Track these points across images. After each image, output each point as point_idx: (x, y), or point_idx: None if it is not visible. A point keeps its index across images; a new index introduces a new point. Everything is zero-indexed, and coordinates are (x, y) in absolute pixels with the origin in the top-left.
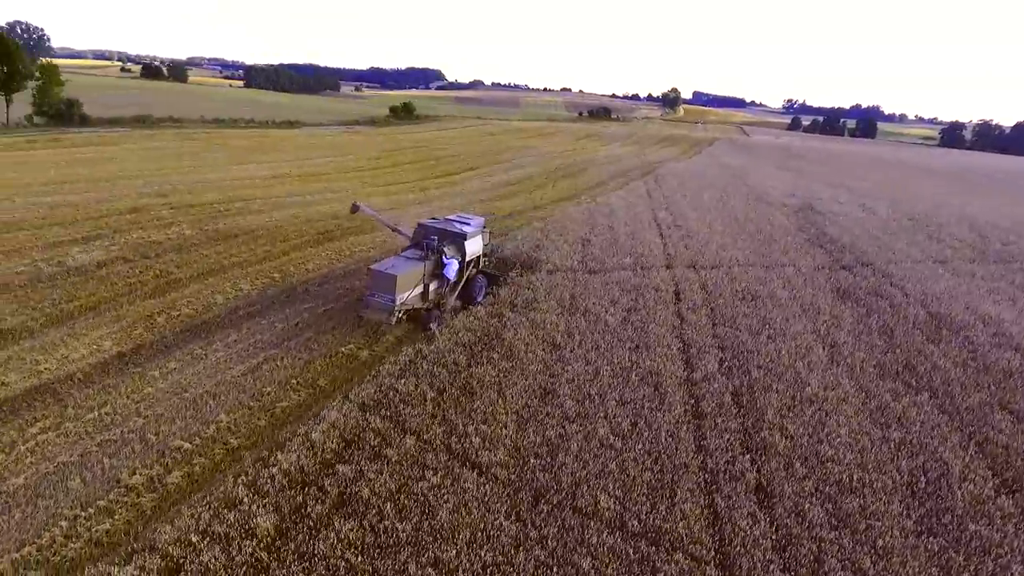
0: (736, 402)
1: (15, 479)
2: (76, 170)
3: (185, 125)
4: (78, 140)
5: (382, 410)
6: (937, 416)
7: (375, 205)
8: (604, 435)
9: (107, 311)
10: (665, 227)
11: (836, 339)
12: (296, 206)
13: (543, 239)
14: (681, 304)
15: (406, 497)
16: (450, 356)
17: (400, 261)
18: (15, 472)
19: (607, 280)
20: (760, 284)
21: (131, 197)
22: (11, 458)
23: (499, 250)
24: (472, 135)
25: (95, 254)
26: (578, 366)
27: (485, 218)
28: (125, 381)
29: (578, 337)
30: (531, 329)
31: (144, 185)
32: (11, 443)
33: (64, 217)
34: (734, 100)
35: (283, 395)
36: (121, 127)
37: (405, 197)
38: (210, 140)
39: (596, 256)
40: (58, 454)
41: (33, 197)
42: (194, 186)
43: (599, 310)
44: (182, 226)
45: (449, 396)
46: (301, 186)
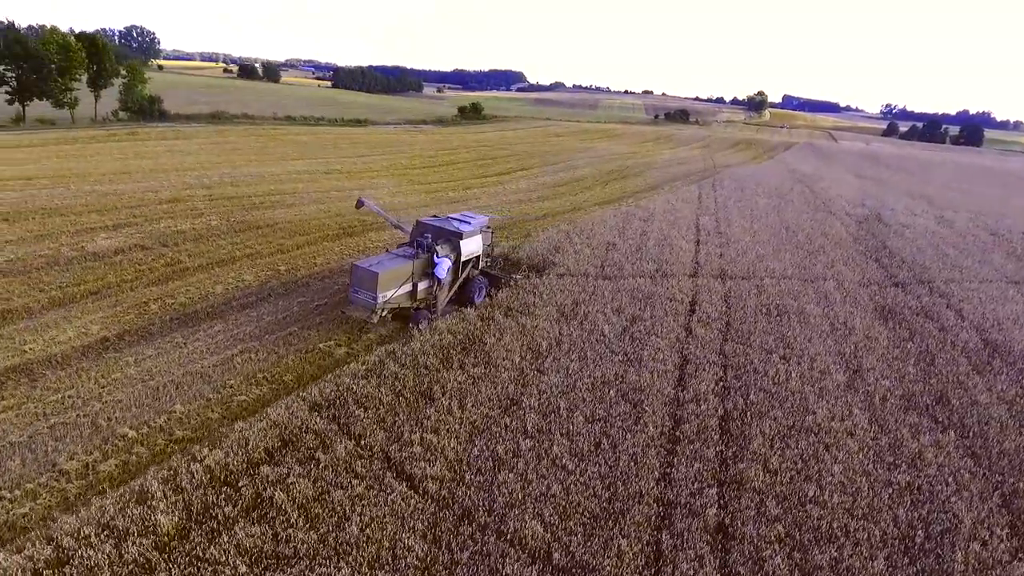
0: (722, 427)
1: None
2: (139, 162)
3: (256, 122)
4: (153, 134)
5: (332, 411)
6: (960, 460)
7: (415, 202)
8: (558, 454)
9: (108, 296)
10: (704, 233)
11: (862, 363)
12: (329, 201)
13: (565, 242)
14: (694, 316)
15: (322, 505)
16: (422, 359)
17: (386, 258)
18: None
19: (619, 287)
20: (791, 298)
21: (177, 188)
22: None
23: (505, 251)
24: (536, 136)
25: (117, 241)
26: (555, 377)
27: (490, 217)
28: (98, 365)
29: (566, 346)
30: (518, 335)
31: (195, 177)
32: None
33: (105, 205)
34: (827, 104)
35: (245, 389)
36: (196, 123)
37: (444, 195)
38: (275, 136)
39: (616, 261)
40: (9, 433)
41: (89, 186)
42: (241, 179)
43: (599, 318)
44: (211, 217)
45: (405, 401)
46: (343, 182)
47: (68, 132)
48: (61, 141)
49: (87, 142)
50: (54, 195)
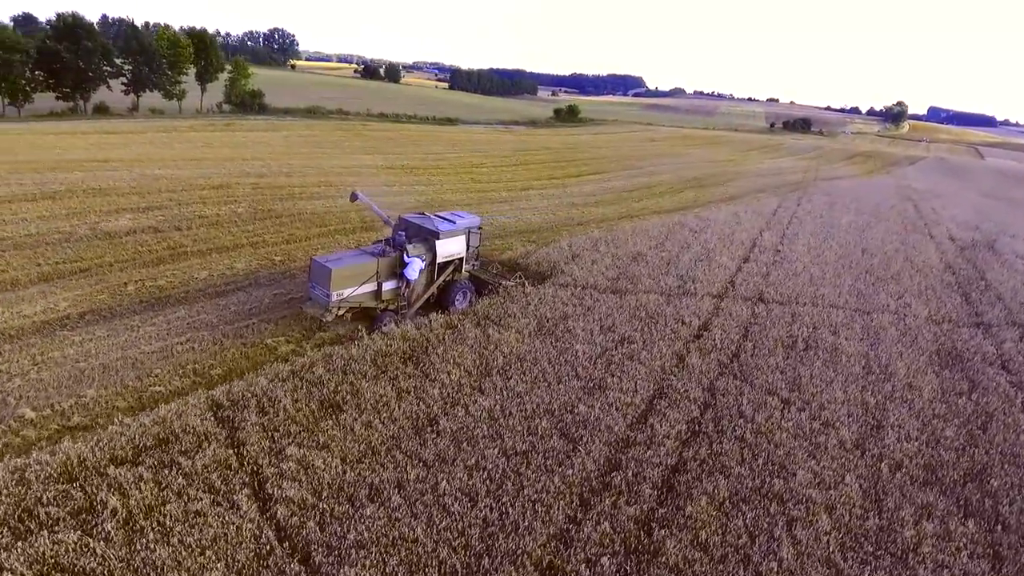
0: (664, 481)
1: None
2: (216, 150)
3: (348, 118)
4: (246, 126)
5: (229, 412)
6: (972, 561)
7: (457, 200)
8: (447, 491)
9: (94, 275)
10: (758, 250)
11: (886, 418)
12: (373, 195)
13: (588, 250)
14: (697, 342)
15: (151, 519)
16: (355, 365)
17: (350, 254)
18: None
19: (624, 303)
20: (829, 331)
21: (231, 175)
22: None
23: (519, 255)
24: (628, 140)
25: (134, 222)
26: (491, 399)
27: (481, 218)
28: (44, 342)
29: (526, 365)
30: (475, 347)
31: (256, 166)
32: None
33: (151, 188)
34: (981, 118)
35: (167, 380)
36: (292, 116)
37: (495, 195)
38: (359, 131)
39: (634, 274)
40: None
41: (151, 170)
42: (299, 170)
43: (580, 336)
44: (242, 204)
45: (311, 410)
46: (400, 176)
47: (171, 121)
48: (159, 129)
49: (183, 131)
50: (112, 176)
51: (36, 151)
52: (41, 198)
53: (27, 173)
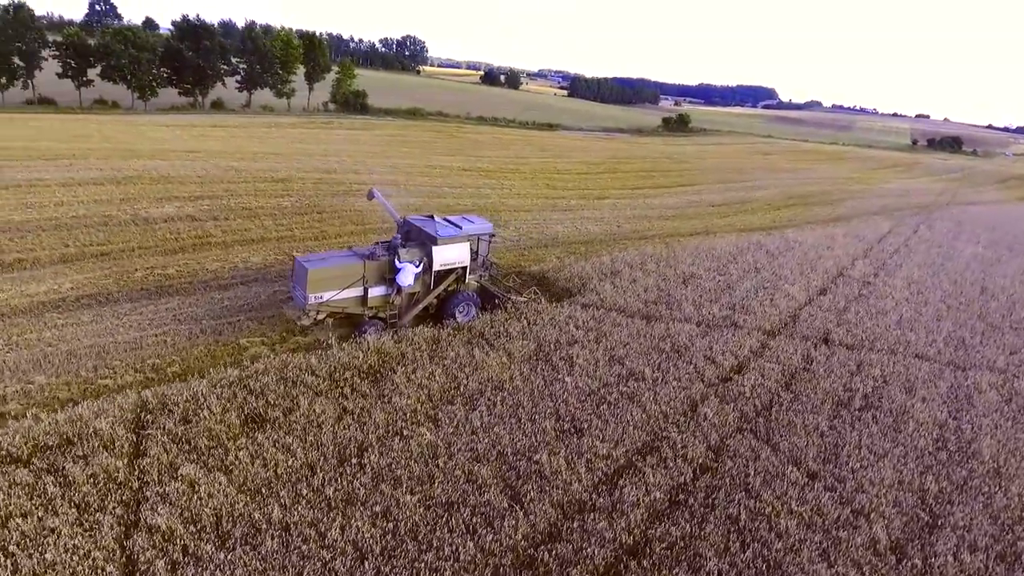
0: (606, 569)
1: None
2: (305, 146)
3: (447, 120)
4: (344, 124)
5: (150, 417)
6: None
7: (517, 205)
8: (334, 540)
9: (112, 259)
10: (843, 280)
11: (947, 516)
12: (434, 195)
13: (632, 267)
14: (722, 388)
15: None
16: (311, 377)
17: (335, 255)
18: None
19: (651, 331)
20: (904, 389)
21: (300, 170)
22: None
23: (546, 269)
24: (738, 152)
25: (177, 210)
26: (439, 433)
27: (491, 225)
28: (30, 323)
29: (501, 395)
30: (450, 369)
31: (331, 162)
32: None
33: (213, 177)
34: None
35: (120, 373)
36: (392, 117)
37: (563, 203)
38: (451, 133)
39: (676, 299)
40: None
41: (225, 161)
42: (369, 167)
43: (581, 367)
44: (293, 198)
45: (230, 424)
46: (472, 179)
47: (276, 118)
48: (261, 125)
49: (283, 127)
50: (186, 166)
51: (140, 140)
52: (107, 183)
53: (114, 159)
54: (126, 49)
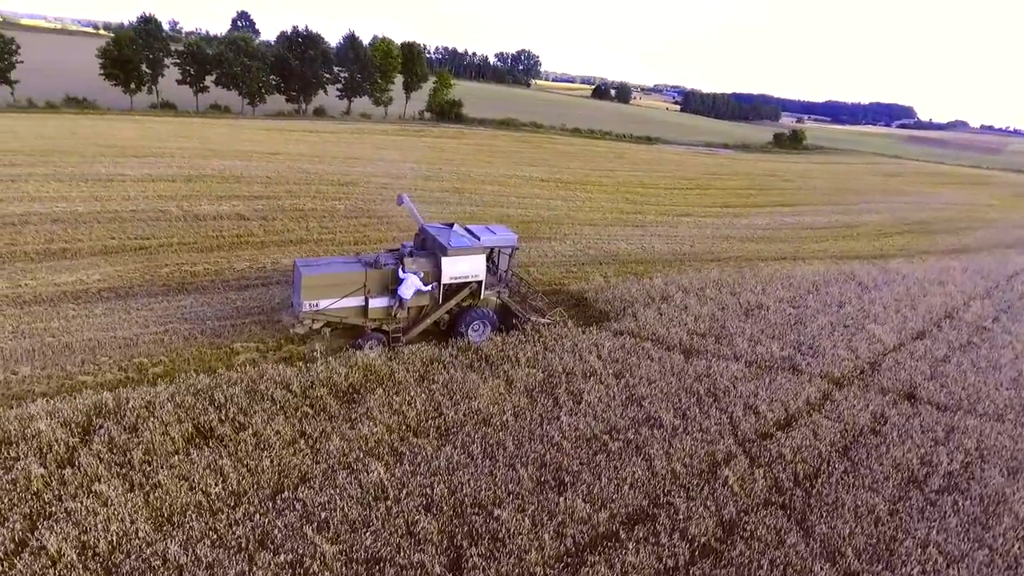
0: None
1: None
2: (387, 151)
3: (540, 130)
4: (435, 132)
5: (99, 422)
6: None
7: (588, 219)
8: None
9: (148, 254)
10: (950, 323)
11: None
12: (496, 205)
13: (688, 292)
14: (758, 446)
15: None
16: (281, 392)
17: (337, 261)
18: None
19: (687, 369)
20: (1006, 471)
21: (370, 174)
22: None
23: (587, 289)
24: (856, 172)
25: (230, 208)
26: (394, 471)
27: (514, 236)
28: (45, 312)
29: (483, 431)
30: (434, 395)
31: (405, 168)
32: None
33: (280, 178)
34: None
35: (104, 370)
36: (484, 126)
37: (640, 218)
38: (539, 143)
39: (730, 332)
40: None
41: (300, 163)
42: (441, 174)
43: (588, 405)
44: (347, 202)
45: (172, 440)
46: (543, 190)
47: (370, 125)
48: (354, 131)
49: (374, 134)
50: (259, 167)
51: (232, 142)
52: (179, 180)
53: (196, 159)
54: (238, 57)
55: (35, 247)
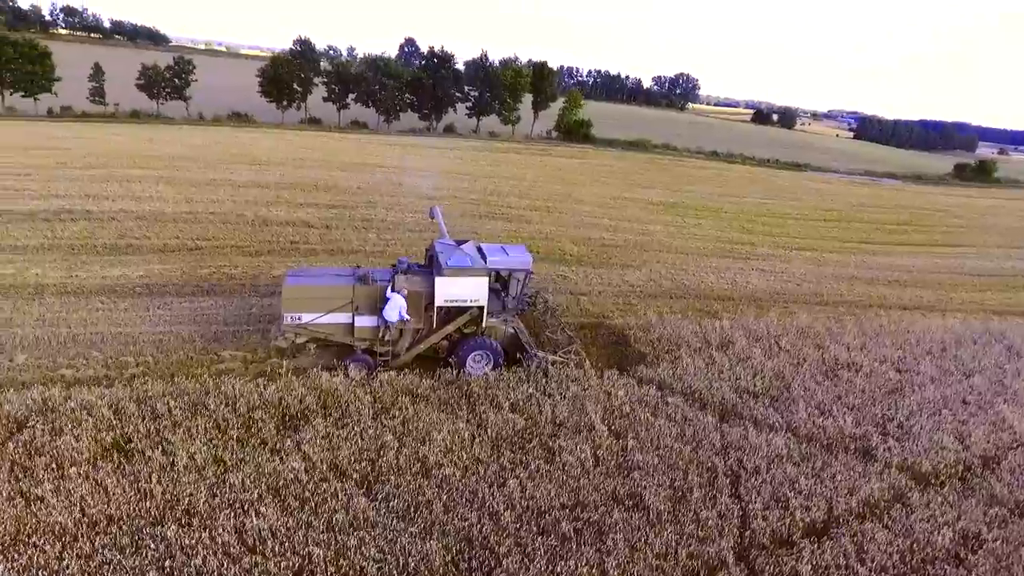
0: None
1: None
2: (496, 168)
3: (672, 153)
4: (556, 152)
5: (33, 420)
6: None
7: (683, 247)
8: None
9: (198, 254)
10: None
11: None
12: (564, 225)
13: (753, 339)
14: (769, 559)
15: None
16: (225, 410)
17: (327, 272)
18: None
19: (713, 437)
20: None
21: (464, 190)
22: None
23: (633, 325)
24: None
25: (299, 215)
26: (280, 520)
27: (529, 258)
28: (75, 303)
29: (416, 485)
30: (381, 434)
31: (504, 186)
32: None
33: (370, 189)
34: None
35: (89, 364)
36: (612, 148)
37: (743, 248)
38: (665, 166)
39: (788, 395)
40: None
41: (398, 176)
42: (539, 194)
43: (560, 468)
44: (418, 216)
45: (80, 453)
46: (650, 213)
47: (495, 143)
48: (475, 148)
49: (496, 151)
50: (354, 178)
51: (349, 154)
52: (272, 187)
53: (303, 169)
54: (376, 77)
55: (106, 242)
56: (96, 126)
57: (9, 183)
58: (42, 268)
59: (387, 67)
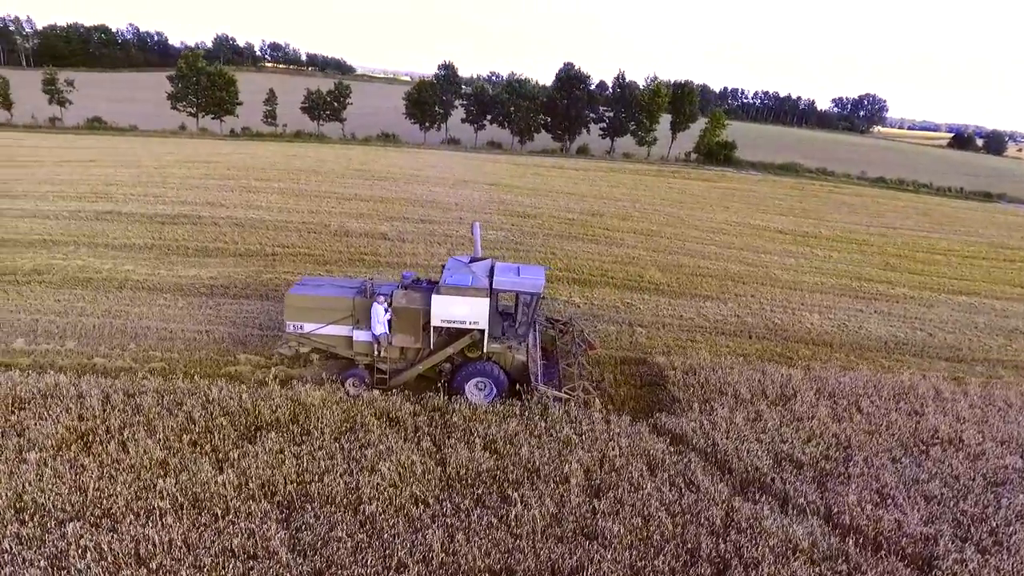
0: None
1: None
2: (613, 189)
3: (831, 178)
4: (691, 175)
5: (38, 401)
6: None
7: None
8: None
9: (270, 260)
10: None
11: None
12: (660, 251)
13: (825, 397)
14: None
15: None
16: (200, 413)
17: (333, 282)
18: None
19: (713, 515)
20: None
21: (563, 208)
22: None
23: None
24: None
25: (389, 228)
26: (179, 533)
27: (540, 282)
28: (145, 297)
29: (333, 520)
30: (338, 460)
31: (612, 207)
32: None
33: (465, 205)
34: None
35: (121, 356)
36: (757, 171)
37: (872, 287)
38: (813, 192)
39: (845, 472)
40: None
41: (504, 194)
42: (644, 216)
43: (507, 522)
44: (499, 232)
45: (49, 438)
46: (758, 241)
47: (625, 164)
48: (598, 170)
49: (624, 172)
50: (454, 194)
51: (467, 172)
52: (372, 200)
53: (418, 184)
54: (511, 98)
55: (198, 244)
56: (259, 144)
57: (151, 190)
58: (134, 265)
59: (522, 87)
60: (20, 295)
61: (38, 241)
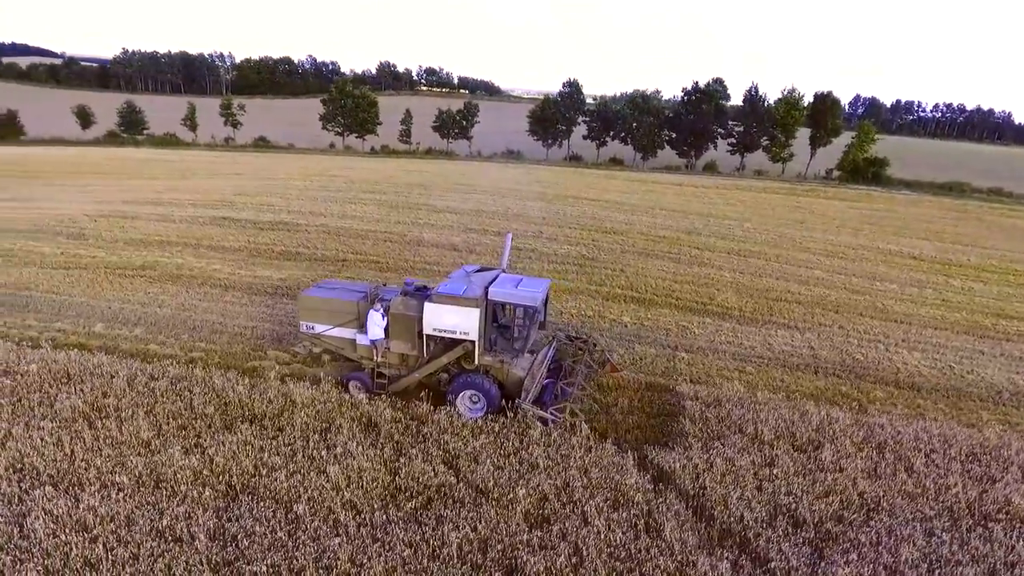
0: None
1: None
2: (729, 207)
3: (1012, 201)
4: (828, 194)
5: (79, 374)
6: None
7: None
8: None
9: (341, 264)
10: None
11: None
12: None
13: (869, 450)
14: None
15: None
16: (198, 401)
17: (345, 286)
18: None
19: (669, 568)
20: None
21: (657, 226)
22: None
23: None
24: None
25: (460, 240)
26: (124, 506)
27: (539, 295)
28: (218, 293)
29: (257, 509)
30: (303, 461)
31: (717, 226)
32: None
33: (549, 220)
34: None
35: (175, 344)
36: (909, 190)
37: (996, 326)
38: (982, 215)
39: (861, 537)
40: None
41: (598, 210)
42: (742, 236)
43: (430, 540)
44: (580, 247)
45: (74, 411)
46: (858, 266)
47: (754, 182)
48: (719, 187)
49: (751, 190)
50: (544, 208)
51: (579, 187)
52: (466, 213)
53: (515, 199)
54: (633, 114)
55: (282, 249)
56: (390, 159)
57: (269, 199)
58: (221, 264)
59: (646, 103)
60: (122, 287)
61: (156, 241)
